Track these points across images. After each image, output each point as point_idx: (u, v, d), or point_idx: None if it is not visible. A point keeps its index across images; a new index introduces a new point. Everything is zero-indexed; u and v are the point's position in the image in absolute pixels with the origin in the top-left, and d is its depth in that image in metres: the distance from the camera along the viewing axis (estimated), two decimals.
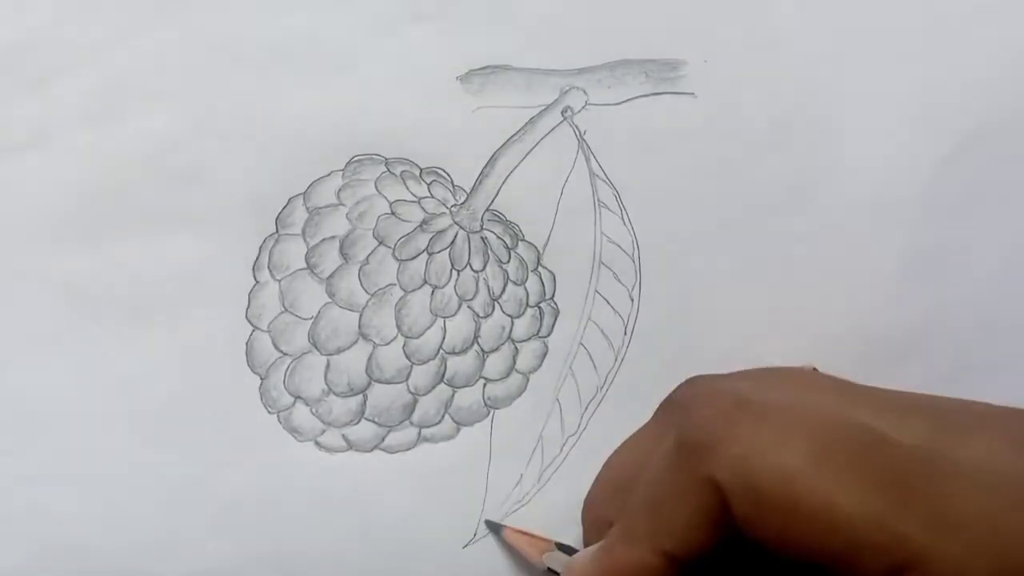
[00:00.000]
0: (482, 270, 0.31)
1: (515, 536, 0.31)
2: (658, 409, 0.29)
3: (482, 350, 0.31)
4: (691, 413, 0.25)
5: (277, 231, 0.31)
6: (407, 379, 0.31)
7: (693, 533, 0.24)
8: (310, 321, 0.31)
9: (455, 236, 0.31)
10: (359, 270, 0.31)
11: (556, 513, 0.31)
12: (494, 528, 0.31)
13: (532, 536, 0.31)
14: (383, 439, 0.31)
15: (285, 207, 0.31)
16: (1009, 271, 0.34)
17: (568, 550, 0.30)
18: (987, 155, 0.33)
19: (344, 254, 0.31)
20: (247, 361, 0.31)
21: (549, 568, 0.30)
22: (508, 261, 0.32)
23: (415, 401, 0.31)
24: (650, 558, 0.24)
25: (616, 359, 0.32)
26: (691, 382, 0.29)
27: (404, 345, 0.31)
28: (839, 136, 0.33)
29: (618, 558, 0.25)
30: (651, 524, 0.25)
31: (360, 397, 0.31)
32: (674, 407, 0.28)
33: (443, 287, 0.31)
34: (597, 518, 0.29)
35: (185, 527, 0.30)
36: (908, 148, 0.33)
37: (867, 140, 0.33)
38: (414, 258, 0.31)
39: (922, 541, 0.21)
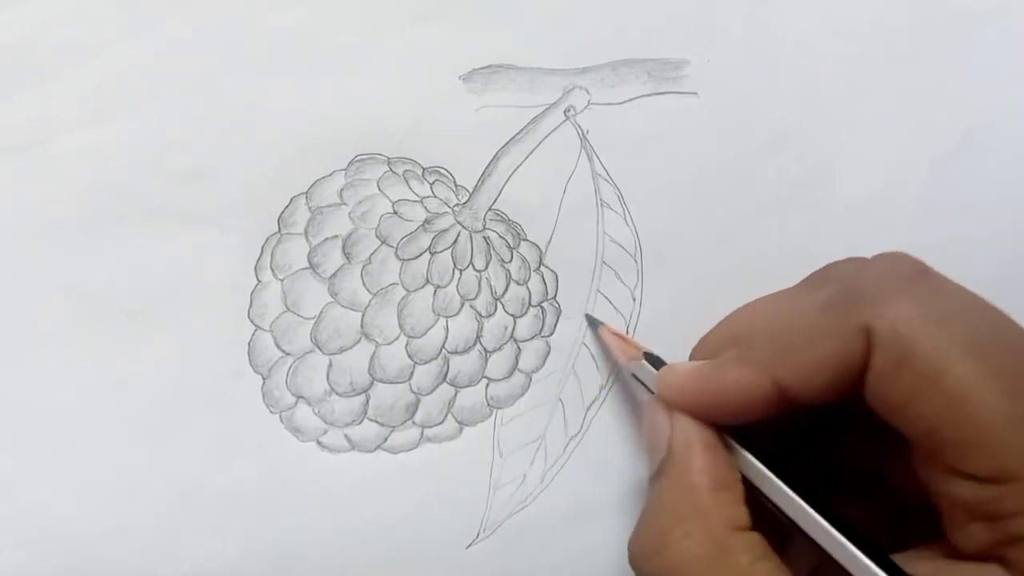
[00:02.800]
0: (484, 269, 0.31)
1: (609, 336, 0.31)
2: (809, 276, 0.28)
3: (484, 350, 0.31)
4: (867, 266, 0.25)
5: (279, 230, 0.31)
6: (409, 379, 0.31)
7: (819, 373, 0.23)
8: (312, 321, 0.31)
9: (457, 235, 0.31)
10: (361, 269, 0.31)
11: (560, 513, 0.31)
12: (592, 323, 0.31)
13: (626, 339, 0.30)
14: (385, 439, 0.31)
15: (287, 206, 0.31)
16: (1009, 271, 0.34)
17: (658, 362, 0.29)
18: (987, 155, 0.33)
19: (346, 253, 0.31)
20: (249, 361, 0.30)
21: (635, 375, 0.29)
22: (510, 261, 0.31)
23: (418, 401, 0.31)
24: (762, 380, 0.24)
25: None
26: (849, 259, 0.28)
27: (407, 345, 0.31)
28: (840, 136, 0.33)
29: (727, 374, 0.25)
30: (776, 354, 0.24)
31: (362, 397, 0.31)
32: (838, 268, 0.27)
33: (445, 287, 0.31)
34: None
35: (186, 527, 0.30)
36: (908, 148, 0.33)
37: (868, 140, 0.33)
38: (416, 257, 0.31)
39: None
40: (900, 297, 0.23)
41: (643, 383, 0.29)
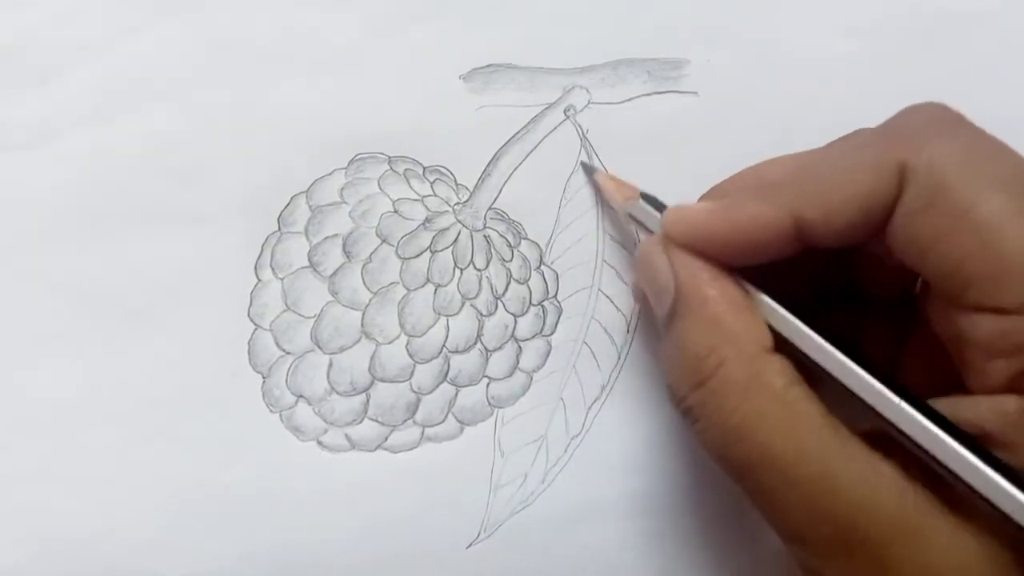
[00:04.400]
0: (485, 268, 0.31)
1: (604, 179, 0.30)
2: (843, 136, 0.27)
3: (485, 349, 0.31)
4: (909, 111, 0.25)
5: (280, 229, 0.31)
6: (410, 378, 0.31)
7: (845, 209, 0.23)
8: (312, 320, 0.30)
9: (458, 234, 0.31)
10: (362, 268, 0.31)
11: (561, 513, 0.31)
12: (588, 170, 0.31)
13: (619, 182, 0.30)
14: (386, 438, 0.31)
15: (288, 205, 0.31)
16: None
17: (657, 204, 0.28)
18: None
19: (347, 252, 0.31)
20: (249, 360, 0.30)
21: (631, 216, 0.29)
22: (511, 259, 0.31)
23: (418, 400, 0.31)
24: (782, 216, 0.24)
25: (619, 357, 0.32)
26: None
27: (407, 344, 0.31)
28: (839, 134, 0.32)
29: (744, 209, 0.24)
30: (800, 190, 0.24)
31: (363, 396, 0.31)
32: (890, 121, 0.26)
33: (446, 285, 0.31)
34: None
35: (186, 526, 0.30)
36: None
37: None
38: (417, 256, 0.31)
39: None
40: (938, 137, 0.23)
41: (642, 224, 0.28)
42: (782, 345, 0.25)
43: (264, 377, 0.30)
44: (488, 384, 0.31)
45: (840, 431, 0.23)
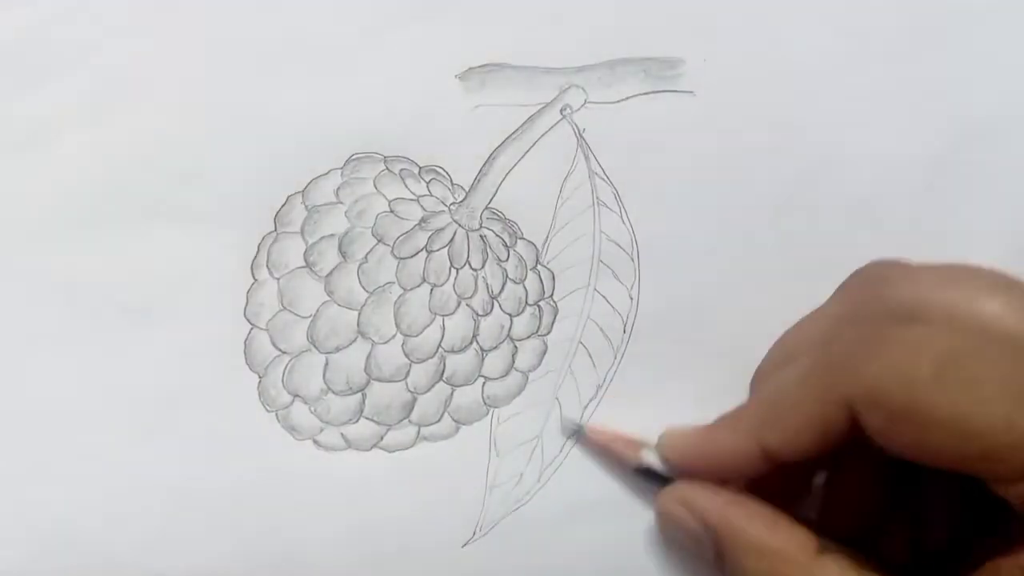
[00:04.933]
0: (481, 268, 0.31)
1: (603, 436, 0.31)
2: (843, 285, 0.28)
3: (481, 348, 0.31)
4: (847, 327, 0.26)
5: (276, 229, 0.31)
6: (406, 377, 0.31)
7: (802, 438, 0.25)
8: (309, 319, 0.31)
9: (454, 234, 0.31)
10: (358, 268, 0.31)
11: (556, 513, 0.31)
12: (577, 432, 0.31)
13: (618, 436, 0.31)
14: (382, 438, 0.31)
15: (284, 205, 0.31)
16: (1008, 269, 0.34)
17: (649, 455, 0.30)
18: (985, 154, 0.33)
19: (343, 252, 0.31)
20: (245, 359, 0.31)
21: (636, 471, 0.30)
22: (507, 259, 0.31)
23: (414, 400, 0.31)
24: (748, 446, 0.26)
25: (615, 358, 0.32)
26: (875, 265, 0.28)
27: (403, 343, 0.31)
28: (837, 134, 0.32)
29: (717, 438, 0.27)
30: (762, 418, 0.26)
31: (359, 396, 0.31)
32: (849, 294, 0.28)
33: (442, 285, 0.31)
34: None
35: (183, 525, 0.30)
36: (905, 147, 0.33)
37: (865, 138, 0.33)
38: (413, 256, 0.31)
39: None
40: (867, 362, 0.24)
41: (653, 472, 0.29)
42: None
43: (260, 376, 0.31)
44: (484, 384, 0.31)
45: None
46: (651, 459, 0.29)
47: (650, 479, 0.29)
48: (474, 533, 0.31)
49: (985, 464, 0.23)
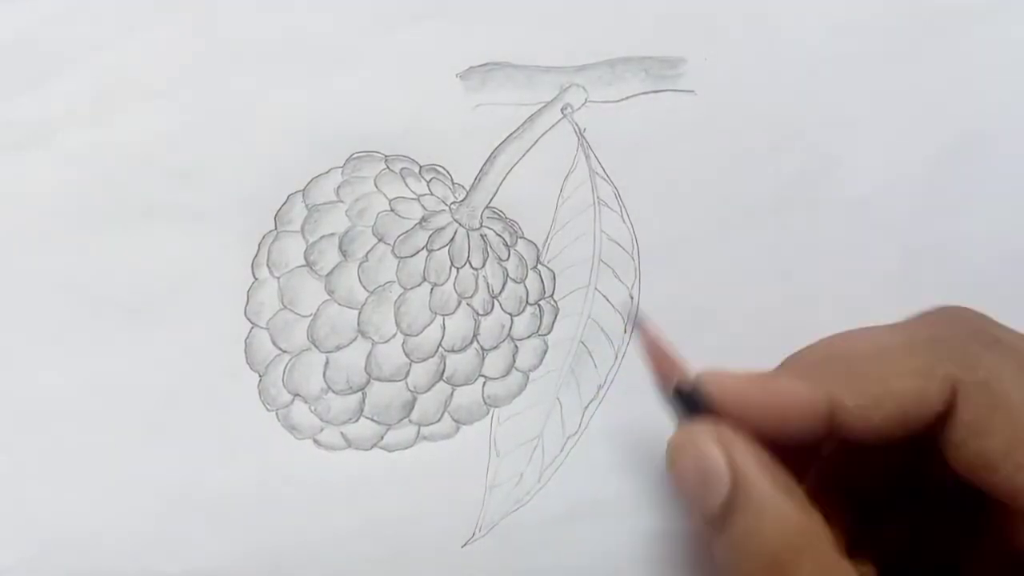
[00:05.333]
0: (481, 268, 0.31)
1: (656, 340, 0.27)
2: (907, 320, 0.27)
3: (481, 348, 0.31)
4: (948, 318, 0.24)
5: (276, 228, 0.31)
6: (406, 377, 0.31)
7: (884, 406, 0.23)
8: (309, 318, 0.31)
9: (454, 233, 0.31)
10: (358, 267, 0.31)
11: (557, 513, 0.31)
12: (641, 322, 0.27)
13: (671, 357, 0.27)
14: (382, 437, 0.31)
15: (284, 204, 0.31)
16: (1008, 268, 0.34)
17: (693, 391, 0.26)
18: (986, 153, 0.33)
19: (343, 251, 0.31)
20: (246, 358, 0.30)
21: (676, 392, 0.26)
22: (508, 259, 0.31)
23: (414, 399, 0.31)
24: (815, 399, 0.23)
25: (616, 357, 0.32)
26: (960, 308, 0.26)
27: (403, 343, 0.31)
28: (838, 134, 0.32)
29: (779, 385, 0.24)
30: (841, 375, 0.23)
31: (359, 395, 0.31)
32: (939, 316, 0.26)
33: (442, 285, 0.31)
34: None
35: (183, 524, 0.30)
36: (907, 146, 0.33)
37: (866, 138, 0.33)
38: (413, 255, 0.31)
39: None
40: (989, 354, 0.23)
41: (677, 410, 0.26)
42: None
43: (261, 375, 0.31)
44: (484, 383, 0.31)
45: None
46: (696, 385, 0.25)
47: (680, 408, 0.26)
48: (474, 533, 0.31)
49: None
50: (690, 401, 0.25)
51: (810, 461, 0.27)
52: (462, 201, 0.31)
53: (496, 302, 0.31)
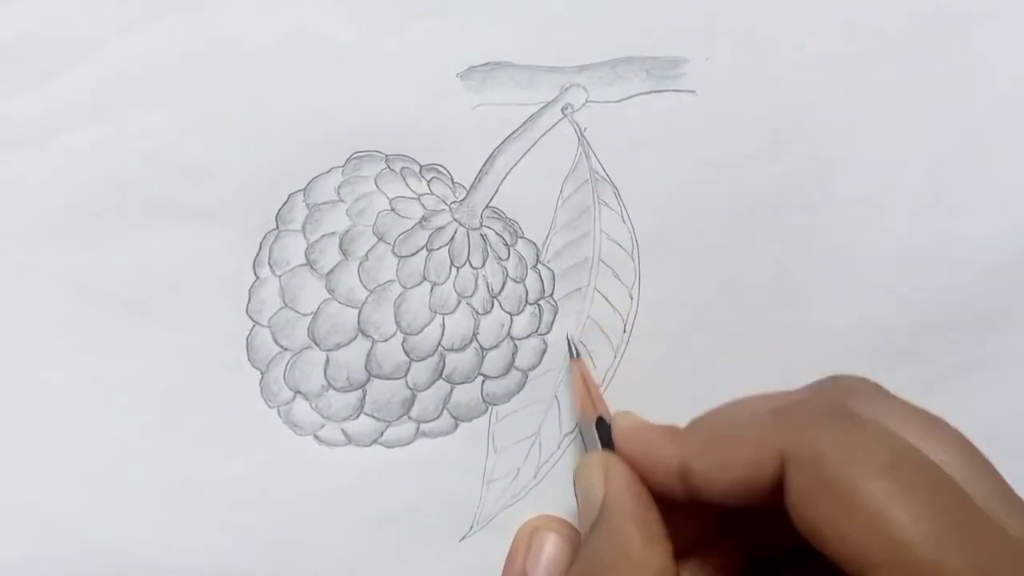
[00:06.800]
0: (481, 267, 0.31)
1: (581, 381, 0.31)
2: (806, 386, 0.29)
3: (481, 347, 0.32)
4: (805, 403, 0.26)
5: (277, 227, 0.31)
6: (406, 375, 0.31)
7: (724, 475, 0.24)
8: (310, 317, 0.31)
9: (455, 233, 0.31)
10: (359, 266, 0.31)
11: (552, 508, 0.32)
12: (573, 350, 0.31)
13: (594, 393, 0.30)
14: (382, 434, 0.32)
15: (285, 203, 0.31)
16: (1007, 271, 0.34)
17: (607, 428, 0.29)
18: (984, 156, 0.33)
19: (344, 250, 0.31)
20: (247, 356, 0.31)
21: (589, 424, 0.30)
22: (507, 258, 0.32)
23: (414, 396, 0.31)
24: (671, 463, 0.25)
25: (615, 357, 0.32)
26: (845, 377, 0.29)
27: (403, 341, 0.31)
28: (838, 135, 0.32)
29: (651, 443, 0.26)
30: (696, 442, 0.26)
31: (359, 392, 0.31)
32: (813, 389, 0.28)
33: (442, 284, 0.31)
34: None
35: (185, 519, 0.31)
36: (906, 148, 0.33)
37: (866, 139, 0.33)
38: (413, 255, 0.31)
39: None
40: (820, 430, 0.24)
41: (585, 439, 0.29)
42: None
43: (262, 373, 0.31)
44: (483, 382, 0.32)
45: None
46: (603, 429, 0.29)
47: (593, 439, 0.29)
48: (471, 527, 0.32)
49: (882, 570, 0.22)
50: (604, 435, 0.29)
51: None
52: (462, 200, 0.31)
53: (496, 301, 0.32)
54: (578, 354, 0.31)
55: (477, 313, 0.31)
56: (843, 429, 0.24)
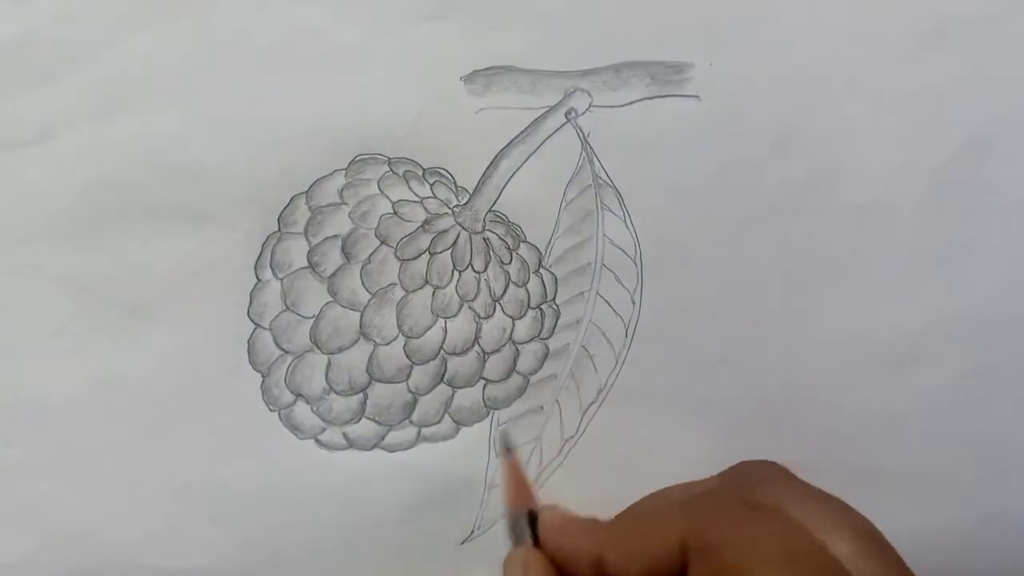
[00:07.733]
0: (484, 271, 0.31)
1: (512, 472, 0.30)
2: (723, 472, 0.31)
3: (483, 351, 0.31)
4: (712, 495, 0.28)
5: (280, 229, 0.31)
6: (407, 379, 0.31)
7: (633, 565, 0.25)
8: (312, 320, 0.31)
9: (457, 237, 0.31)
10: (361, 269, 0.31)
11: None
12: (505, 443, 0.30)
13: (525, 485, 0.30)
14: (383, 438, 0.31)
15: (288, 206, 0.31)
16: (1012, 274, 0.34)
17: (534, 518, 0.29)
18: (989, 160, 0.33)
19: (346, 253, 0.31)
20: (249, 359, 0.31)
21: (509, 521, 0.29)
22: (510, 262, 0.32)
23: (415, 400, 0.31)
24: (590, 555, 0.26)
25: (617, 362, 0.32)
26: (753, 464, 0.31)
27: (405, 345, 0.31)
28: (842, 140, 0.32)
29: (570, 537, 0.27)
30: (610, 534, 0.27)
31: (360, 396, 0.31)
32: (723, 479, 0.30)
33: (444, 287, 0.31)
34: None
35: (186, 522, 0.31)
36: (910, 153, 0.33)
37: (870, 144, 0.33)
38: (416, 258, 0.31)
39: None
40: (717, 523, 0.24)
41: (514, 531, 0.29)
42: None
43: (263, 376, 0.31)
44: (485, 386, 0.32)
45: None
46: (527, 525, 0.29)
47: (520, 532, 0.29)
48: (473, 531, 0.32)
49: None
50: (532, 527, 0.29)
51: None
52: (465, 204, 0.31)
53: (498, 305, 0.31)
54: (509, 448, 0.30)
55: (479, 317, 0.31)
56: (744, 520, 0.25)
